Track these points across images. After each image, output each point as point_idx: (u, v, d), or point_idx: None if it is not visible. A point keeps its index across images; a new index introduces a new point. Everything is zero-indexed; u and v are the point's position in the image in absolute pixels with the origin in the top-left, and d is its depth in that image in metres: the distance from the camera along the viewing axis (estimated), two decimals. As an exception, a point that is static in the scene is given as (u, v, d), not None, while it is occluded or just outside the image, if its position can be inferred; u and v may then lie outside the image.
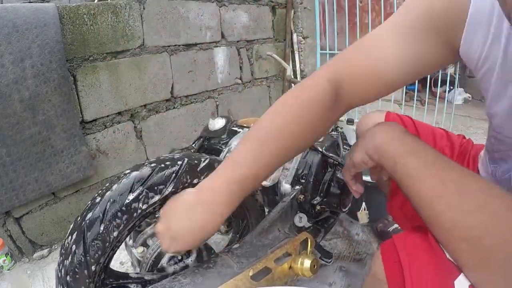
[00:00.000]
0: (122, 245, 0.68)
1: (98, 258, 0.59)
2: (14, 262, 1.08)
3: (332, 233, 1.32)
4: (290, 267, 0.70)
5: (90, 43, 1.32)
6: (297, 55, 2.45)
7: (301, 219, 0.89)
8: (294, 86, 0.61)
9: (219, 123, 1.08)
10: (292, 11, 2.34)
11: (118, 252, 0.69)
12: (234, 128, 1.09)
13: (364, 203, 0.94)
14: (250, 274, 0.65)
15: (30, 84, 1.14)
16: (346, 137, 1.98)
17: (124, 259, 1.25)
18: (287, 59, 2.36)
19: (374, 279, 0.47)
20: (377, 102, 2.36)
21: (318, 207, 0.93)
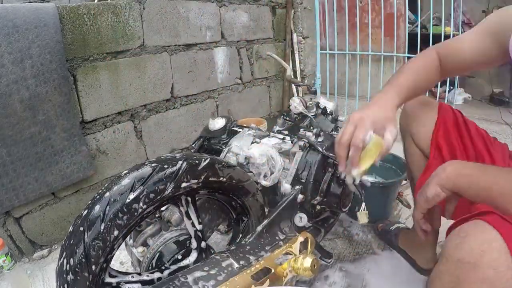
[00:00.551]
0: (122, 245, 0.68)
1: (98, 258, 0.59)
2: (14, 262, 1.08)
3: (332, 233, 1.32)
4: (290, 267, 0.71)
5: (90, 43, 1.32)
6: (297, 55, 2.45)
7: (301, 219, 0.89)
8: (417, 55, 0.94)
9: (219, 123, 1.08)
10: (292, 11, 2.34)
11: (118, 252, 0.69)
12: (234, 128, 1.09)
13: (363, 204, 0.94)
14: (250, 274, 0.65)
15: (30, 84, 1.14)
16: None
17: (124, 259, 1.25)
18: (287, 59, 2.36)
19: (462, 263, 0.53)
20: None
21: (318, 207, 0.93)
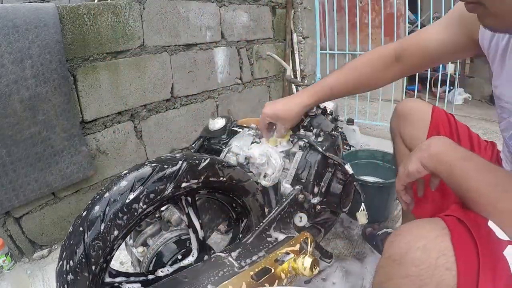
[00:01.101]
0: (122, 245, 0.68)
1: (98, 258, 0.59)
2: (14, 262, 1.08)
3: (332, 233, 1.32)
4: (290, 267, 0.70)
5: (90, 43, 1.32)
6: (297, 55, 2.45)
7: (301, 219, 0.89)
8: (368, 51, 0.92)
9: (219, 123, 1.08)
10: (292, 11, 2.34)
11: (118, 252, 0.69)
12: (234, 128, 1.09)
13: (363, 204, 0.94)
14: (250, 274, 0.65)
15: (30, 84, 1.14)
16: (346, 137, 1.98)
17: (124, 259, 1.25)
18: (287, 59, 2.36)
19: (390, 261, 0.54)
20: (377, 103, 2.36)
21: (318, 207, 0.93)
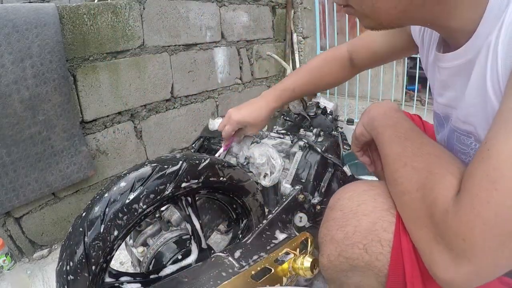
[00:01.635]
0: (122, 245, 0.68)
1: (98, 258, 0.59)
2: (14, 262, 1.08)
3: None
4: (290, 267, 0.70)
5: (90, 43, 1.32)
6: (297, 55, 2.44)
7: (301, 219, 0.89)
8: (325, 51, 0.97)
9: (219, 123, 1.08)
10: (292, 11, 2.34)
11: (118, 252, 0.69)
12: (234, 128, 1.09)
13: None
14: (250, 274, 0.65)
15: (30, 84, 1.13)
16: (346, 137, 1.98)
17: (124, 259, 1.25)
18: (287, 59, 2.36)
19: (328, 209, 0.58)
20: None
21: (318, 207, 0.93)
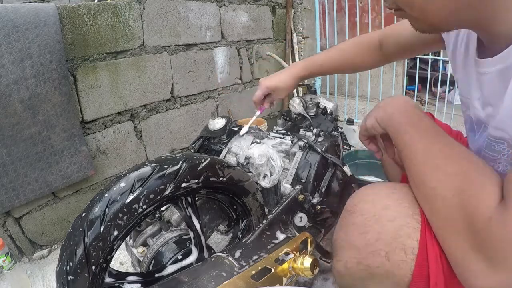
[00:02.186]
0: (122, 245, 0.68)
1: (98, 258, 0.59)
2: (14, 262, 1.08)
3: (332, 233, 1.32)
4: (290, 267, 0.70)
5: (90, 43, 1.32)
6: (297, 55, 2.44)
7: (301, 219, 0.89)
8: (357, 36, 1.02)
9: (219, 123, 1.08)
10: (292, 11, 2.34)
11: (118, 252, 0.69)
12: (234, 128, 1.09)
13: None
14: (250, 274, 0.65)
15: (30, 84, 1.13)
16: (346, 137, 1.98)
17: (124, 259, 1.25)
18: (287, 59, 2.36)
19: (345, 212, 0.59)
20: (377, 103, 2.35)
21: (318, 207, 0.93)
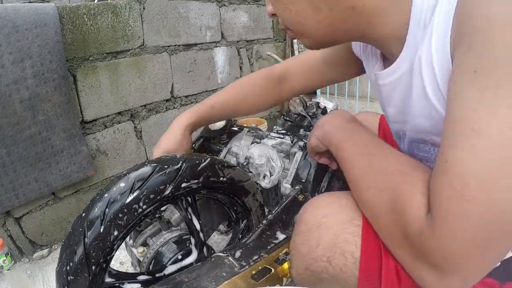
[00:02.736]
0: (122, 245, 0.68)
1: (99, 258, 0.59)
2: (14, 262, 1.08)
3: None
4: (290, 267, 0.70)
5: (90, 43, 1.32)
6: (297, 55, 2.45)
7: (301, 219, 0.89)
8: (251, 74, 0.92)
9: (219, 123, 1.08)
10: (292, 11, 2.34)
11: (118, 252, 0.69)
12: (234, 128, 1.09)
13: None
14: (250, 274, 0.65)
15: (30, 84, 1.13)
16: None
17: (124, 259, 1.25)
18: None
19: (296, 223, 0.57)
20: (377, 103, 2.36)
21: (318, 207, 0.93)
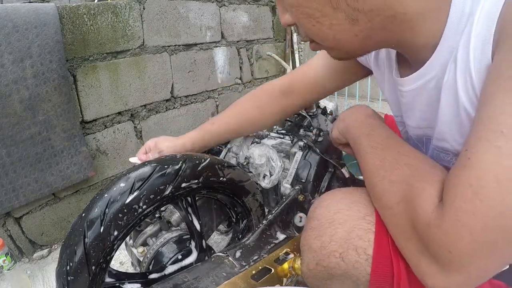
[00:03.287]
0: (122, 245, 0.68)
1: (98, 258, 0.59)
2: (14, 262, 1.08)
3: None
4: (290, 267, 0.70)
5: (90, 43, 1.32)
6: (297, 55, 2.44)
7: (301, 219, 0.89)
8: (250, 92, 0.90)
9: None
10: (292, 11, 2.34)
11: (118, 252, 0.69)
12: (234, 128, 1.09)
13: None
14: (250, 274, 0.65)
15: (30, 84, 1.13)
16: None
17: (124, 259, 1.25)
18: (287, 59, 2.36)
19: (307, 218, 0.58)
20: (377, 102, 2.36)
21: (318, 207, 0.93)
